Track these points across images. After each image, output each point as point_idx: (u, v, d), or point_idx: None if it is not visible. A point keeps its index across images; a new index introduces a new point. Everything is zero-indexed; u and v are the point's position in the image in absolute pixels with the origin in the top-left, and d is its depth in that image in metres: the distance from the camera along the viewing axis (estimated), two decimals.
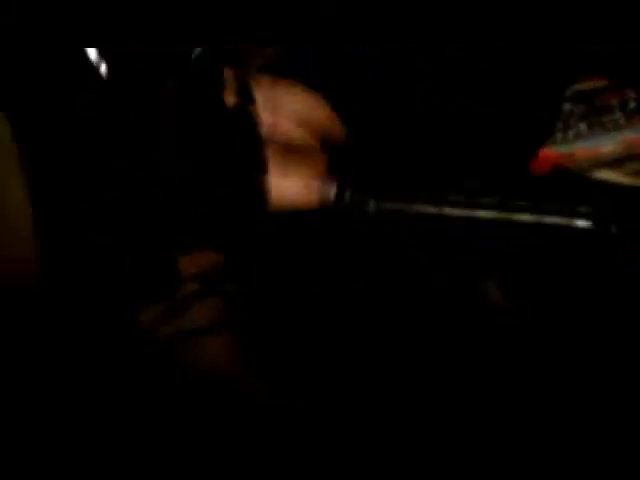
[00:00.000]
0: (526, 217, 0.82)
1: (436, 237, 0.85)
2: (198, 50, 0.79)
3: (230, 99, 0.73)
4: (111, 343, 0.82)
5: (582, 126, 0.96)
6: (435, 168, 0.90)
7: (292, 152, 0.78)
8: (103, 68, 0.75)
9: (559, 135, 0.95)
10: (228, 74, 0.74)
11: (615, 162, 0.95)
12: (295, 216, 0.83)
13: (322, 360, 0.87)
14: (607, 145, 0.95)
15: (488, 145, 0.92)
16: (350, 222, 0.84)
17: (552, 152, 0.94)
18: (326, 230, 0.85)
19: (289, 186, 0.76)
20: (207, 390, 0.84)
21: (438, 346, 0.87)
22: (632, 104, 0.97)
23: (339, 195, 0.83)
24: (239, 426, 0.82)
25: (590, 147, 0.95)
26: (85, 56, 0.77)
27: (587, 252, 0.83)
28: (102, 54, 0.76)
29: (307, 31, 0.83)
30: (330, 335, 0.88)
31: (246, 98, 0.74)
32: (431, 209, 0.83)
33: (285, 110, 0.78)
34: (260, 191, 0.72)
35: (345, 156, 0.86)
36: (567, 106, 0.97)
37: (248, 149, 0.72)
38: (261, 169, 0.72)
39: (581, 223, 0.82)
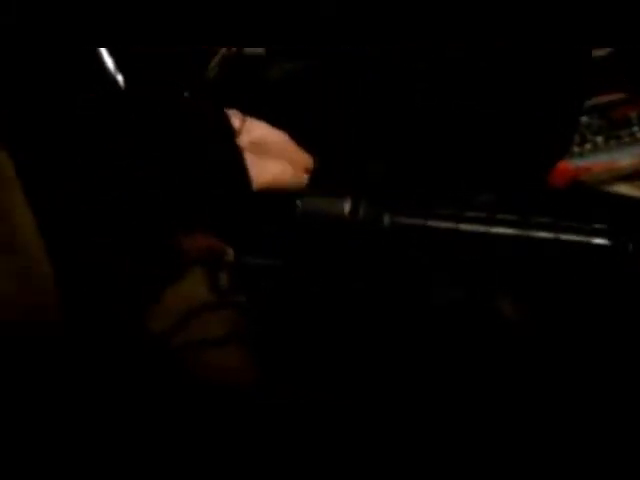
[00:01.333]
0: (542, 234, 0.82)
1: (451, 252, 0.84)
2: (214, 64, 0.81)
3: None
4: (121, 351, 0.82)
5: (599, 139, 0.96)
6: (451, 182, 0.90)
7: (266, 143, 0.84)
8: (105, 70, 0.79)
9: (576, 148, 0.95)
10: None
11: (632, 176, 0.94)
12: (308, 229, 0.83)
13: (322, 360, 0.87)
14: (624, 159, 0.95)
15: (506, 158, 0.91)
16: (365, 236, 0.83)
17: (569, 165, 0.94)
18: (341, 244, 0.84)
19: (267, 164, 0.83)
20: (212, 394, 0.84)
21: (440, 351, 0.86)
22: None
23: (353, 209, 0.83)
24: (240, 426, 0.82)
25: (607, 161, 0.95)
26: (86, 58, 0.79)
27: (604, 270, 0.83)
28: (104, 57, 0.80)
29: (307, 31, 0.83)
30: (332, 337, 0.88)
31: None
32: (447, 224, 0.83)
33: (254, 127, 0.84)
34: (241, 169, 0.80)
35: (359, 171, 0.85)
36: (584, 119, 0.96)
37: (225, 138, 0.81)
38: (238, 152, 0.81)
39: (598, 241, 0.82)
